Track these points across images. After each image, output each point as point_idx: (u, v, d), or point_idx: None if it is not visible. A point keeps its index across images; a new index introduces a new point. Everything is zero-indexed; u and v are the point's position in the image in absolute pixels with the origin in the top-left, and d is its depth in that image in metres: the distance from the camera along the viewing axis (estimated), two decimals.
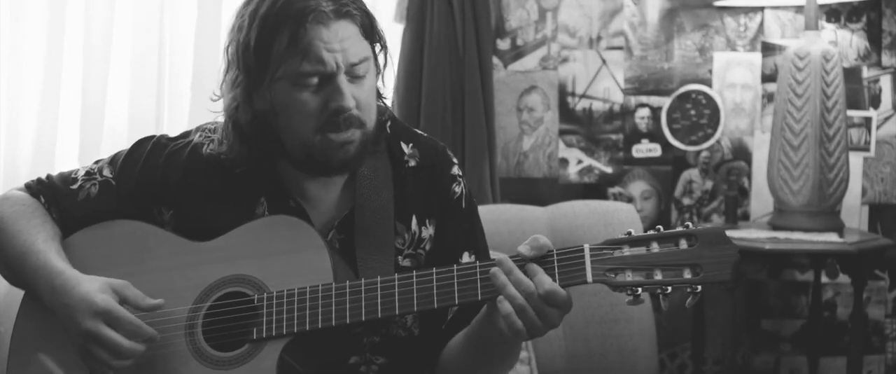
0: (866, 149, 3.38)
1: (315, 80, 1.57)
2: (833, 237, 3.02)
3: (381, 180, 1.71)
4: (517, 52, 3.43)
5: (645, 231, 1.51)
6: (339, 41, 1.57)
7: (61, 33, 2.58)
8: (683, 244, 1.48)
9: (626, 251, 1.48)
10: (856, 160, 3.36)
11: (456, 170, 1.78)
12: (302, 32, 1.54)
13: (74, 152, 2.70)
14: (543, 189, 3.43)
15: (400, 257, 1.71)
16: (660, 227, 1.51)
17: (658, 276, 1.47)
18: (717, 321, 3.32)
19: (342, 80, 1.57)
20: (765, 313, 3.47)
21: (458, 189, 1.77)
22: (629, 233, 1.50)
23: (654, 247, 1.48)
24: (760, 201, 3.41)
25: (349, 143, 1.60)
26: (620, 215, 3.03)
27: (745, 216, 3.43)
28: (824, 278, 3.42)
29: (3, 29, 2.52)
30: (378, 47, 1.66)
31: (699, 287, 1.46)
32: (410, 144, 1.76)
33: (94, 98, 2.65)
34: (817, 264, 3.35)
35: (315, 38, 1.55)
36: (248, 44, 1.57)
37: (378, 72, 1.68)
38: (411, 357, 1.74)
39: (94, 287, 1.57)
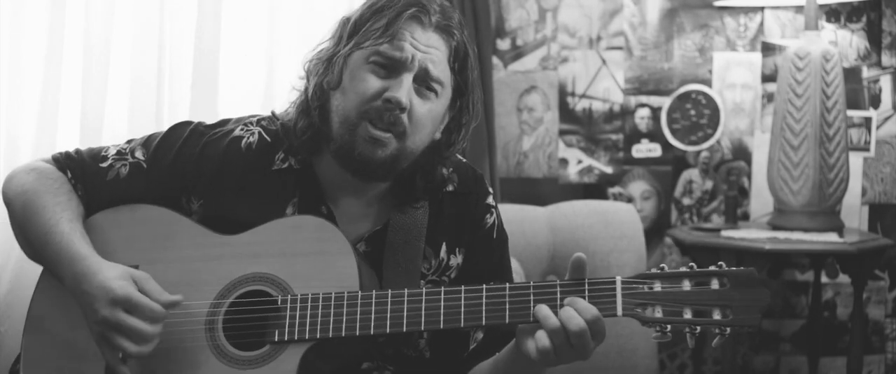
0: (866, 149, 3.38)
1: (387, 65, 1.59)
2: (833, 237, 3.02)
3: (418, 202, 1.71)
4: (517, 52, 3.43)
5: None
6: (425, 45, 1.60)
7: (61, 33, 2.57)
8: (715, 284, 1.48)
9: (657, 287, 1.48)
10: (856, 160, 3.36)
11: (491, 200, 1.78)
12: (399, 21, 1.59)
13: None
14: (543, 189, 3.43)
15: (422, 282, 1.70)
16: (693, 265, 1.51)
17: (687, 314, 1.47)
18: None
19: (408, 78, 1.59)
20: (765, 313, 3.46)
21: (490, 219, 1.77)
22: (662, 268, 1.50)
23: (686, 284, 1.48)
24: (760, 201, 3.41)
25: (381, 144, 1.59)
26: (620, 215, 3.03)
27: (745, 216, 3.43)
28: (824, 278, 3.42)
29: (3, 29, 2.51)
30: (460, 90, 1.66)
31: (728, 330, 1.46)
32: (450, 169, 1.75)
33: (94, 98, 2.64)
34: (817, 264, 3.35)
35: (407, 29, 1.59)
36: (350, 18, 1.64)
37: (449, 112, 1.67)
38: (422, 372, 1.73)
39: (113, 275, 1.55)
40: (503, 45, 3.42)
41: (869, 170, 3.39)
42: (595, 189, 3.45)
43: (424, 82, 1.61)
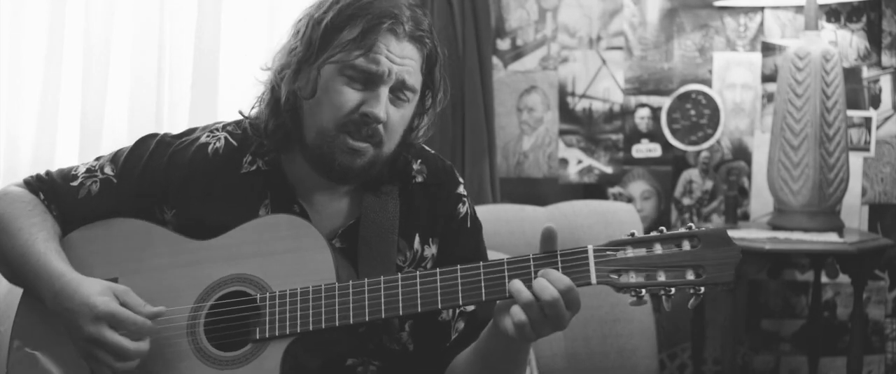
0: (866, 149, 3.38)
1: (361, 78, 1.59)
2: (833, 237, 3.02)
3: (388, 194, 1.71)
4: (517, 53, 3.43)
5: (646, 232, 1.51)
6: (400, 57, 1.60)
7: (61, 33, 2.57)
8: (686, 246, 1.49)
9: (630, 252, 1.49)
10: (856, 160, 3.36)
11: (462, 190, 1.78)
12: (374, 32, 1.58)
13: (74, 152, 2.69)
14: (543, 189, 3.43)
15: (401, 273, 1.70)
16: (663, 228, 1.52)
17: (661, 277, 1.47)
18: (717, 321, 3.31)
19: (385, 91, 1.59)
20: (765, 313, 3.47)
21: (463, 209, 1.77)
22: (632, 234, 1.51)
23: (657, 248, 1.49)
24: (760, 201, 3.41)
25: (359, 154, 1.61)
26: (620, 215, 3.03)
27: (745, 216, 3.43)
28: (824, 278, 3.42)
29: (3, 29, 2.52)
30: (427, 86, 1.67)
31: (702, 288, 1.46)
32: (419, 161, 1.76)
33: (94, 98, 2.64)
34: (817, 264, 3.35)
35: (383, 42, 1.59)
36: (321, 21, 1.61)
37: (418, 111, 1.69)
38: (406, 366, 1.73)
39: (95, 290, 1.56)
40: (503, 45, 3.42)
41: (869, 170, 3.39)
42: (595, 189, 3.45)
43: (399, 91, 1.62)
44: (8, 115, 2.54)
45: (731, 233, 3.14)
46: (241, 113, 1.75)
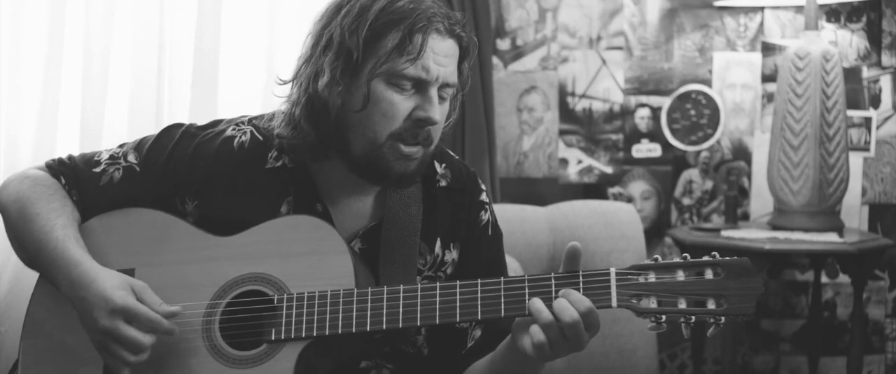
0: (866, 149, 3.38)
1: (411, 85, 1.58)
2: (833, 237, 3.02)
3: (411, 196, 1.70)
4: (517, 52, 3.43)
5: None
6: (445, 57, 1.59)
7: (61, 33, 2.57)
8: (709, 274, 1.48)
9: (652, 277, 1.48)
10: (856, 160, 3.36)
11: (485, 197, 1.78)
12: (417, 36, 1.55)
13: (74, 152, 2.69)
14: (543, 189, 3.43)
15: (419, 278, 1.69)
16: (686, 255, 1.51)
17: (682, 305, 1.47)
18: None
19: (435, 93, 1.59)
20: (765, 313, 3.47)
21: (485, 216, 1.77)
22: (656, 259, 1.50)
23: (680, 275, 1.48)
24: (760, 201, 3.41)
25: (413, 158, 1.60)
26: (620, 215, 3.03)
27: (745, 216, 3.43)
28: (824, 278, 3.42)
29: (3, 29, 2.51)
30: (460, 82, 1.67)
31: (722, 318, 1.46)
32: (443, 165, 1.75)
33: (94, 98, 2.64)
34: (817, 264, 3.35)
35: (429, 46, 1.56)
36: (356, 30, 1.56)
37: (452, 105, 1.69)
38: (420, 371, 1.73)
39: (112, 284, 1.55)
40: (503, 45, 3.42)
41: (869, 170, 3.39)
42: (595, 189, 3.45)
43: (443, 91, 1.61)
44: (8, 115, 2.54)
45: (731, 233, 3.14)
46: (255, 127, 1.71)
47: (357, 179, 1.65)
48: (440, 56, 1.58)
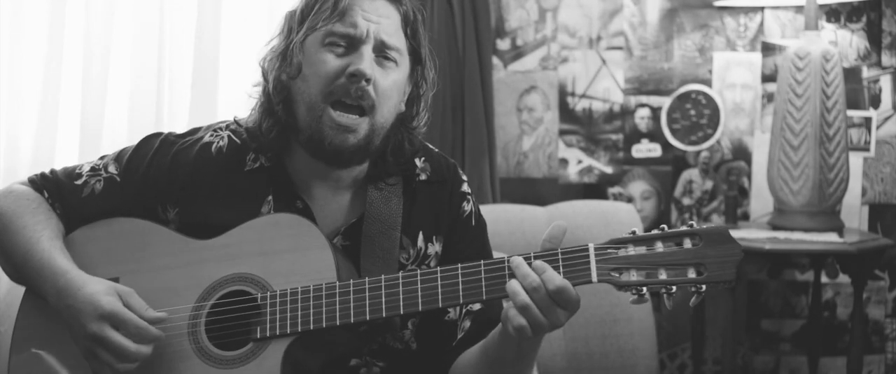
0: (866, 149, 3.38)
1: (343, 43, 1.61)
2: (833, 237, 3.02)
3: (391, 191, 1.71)
4: (517, 52, 3.43)
5: (647, 231, 1.51)
6: (378, 16, 1.62)
7: (61, 33, 2.57)
8: (687, 244, 1.48)
9: (631, 251, 1.49)
10: (856, 160, 3.36)
11: (466, 188, 1.78)
12: None
13: (74, 152, 2.69)
14: (543, 189, 3.43)
15: (401, 272, 1.70)
16: (664, 226, 1.52)
17: (662, 275, 1.47)
18: (717, 321, 3.32)
19: (367, 49, 1.61)
20: (765, 313, 3.47)
21: (467, 207, 1.77)
22: (633, 232, 1.50)
23: (659, 246, 1.48)
24: (760, 201, 3.41)
25: (351, 130, 1.61)
26: (620, 215, 3.03)
27: (745, 216, 3.43)
28: (824, 278, 3.42)
29: (3, 29, 2.51)
30: (416, 54, 1.68)
31: (704, 287, 1.46)
32: (422, 158, 1.76)
33: (94, 98, 2.64)
34: (817, 264, 3.35)
35: (356, 4, 1.62)
36: (295, 10, 1.66)
37: (412, 80, 1.70)
38: (411, 366, 1.73)
39: (99, 289, 1.56)
40: (503, 45, 3.42)
41: (869, 170, 3.39)
42: (595, 189, 3.45)
43: (382, 53, 1.63)
44: (8, 115, 2.54)
45: (731, 233, 3.14)
46: (236, 121, 1.75)
47: (325, 168, 1.67)
48: (370, 13, 1.62)
